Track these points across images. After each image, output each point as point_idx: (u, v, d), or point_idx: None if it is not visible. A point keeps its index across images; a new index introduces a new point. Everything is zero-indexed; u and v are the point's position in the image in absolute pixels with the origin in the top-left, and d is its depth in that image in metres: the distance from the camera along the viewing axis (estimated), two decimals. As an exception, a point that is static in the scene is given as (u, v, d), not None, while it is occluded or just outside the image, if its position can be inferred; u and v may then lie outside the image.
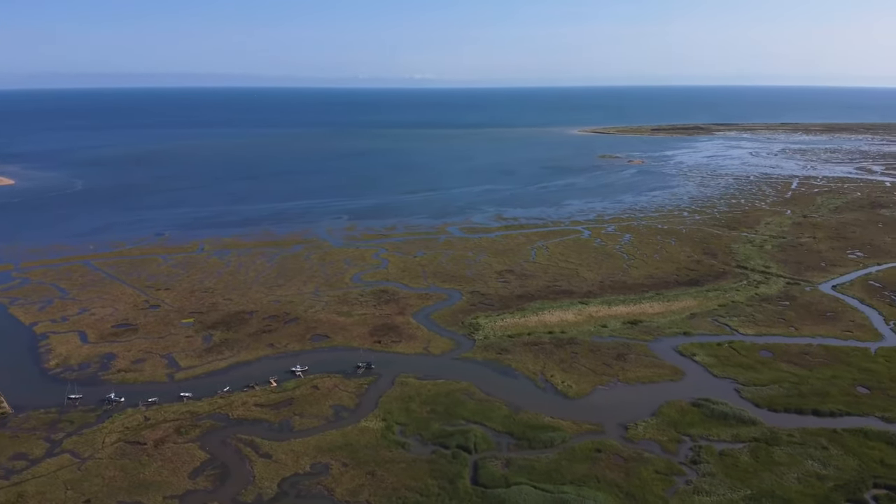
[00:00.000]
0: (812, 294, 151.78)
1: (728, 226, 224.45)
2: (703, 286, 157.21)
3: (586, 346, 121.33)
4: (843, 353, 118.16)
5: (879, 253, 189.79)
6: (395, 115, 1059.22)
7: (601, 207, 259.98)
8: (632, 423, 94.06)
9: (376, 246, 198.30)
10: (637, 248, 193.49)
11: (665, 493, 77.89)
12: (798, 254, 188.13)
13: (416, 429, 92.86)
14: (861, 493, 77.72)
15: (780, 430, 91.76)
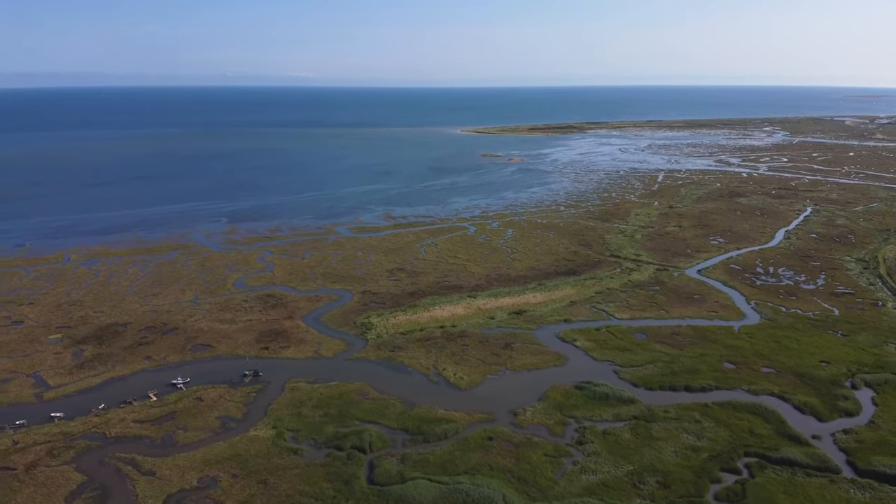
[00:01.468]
0: (680, 279, 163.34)
1: (601, 218, 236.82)
2: (580, 275, 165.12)
3: (476, 338, 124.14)
4: (710, 332, 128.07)
5: (738, 238, 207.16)
6: (269, 114, 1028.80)
7: (485, 204, 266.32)
8: (520, 409, 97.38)
9: (260, 249, 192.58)
10: (519, 242, 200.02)
11: (554, 475, 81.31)
12: (665, 242, 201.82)
13: (308, 434, 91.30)
14: (734, 461, 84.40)
15: (657, 407, 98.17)
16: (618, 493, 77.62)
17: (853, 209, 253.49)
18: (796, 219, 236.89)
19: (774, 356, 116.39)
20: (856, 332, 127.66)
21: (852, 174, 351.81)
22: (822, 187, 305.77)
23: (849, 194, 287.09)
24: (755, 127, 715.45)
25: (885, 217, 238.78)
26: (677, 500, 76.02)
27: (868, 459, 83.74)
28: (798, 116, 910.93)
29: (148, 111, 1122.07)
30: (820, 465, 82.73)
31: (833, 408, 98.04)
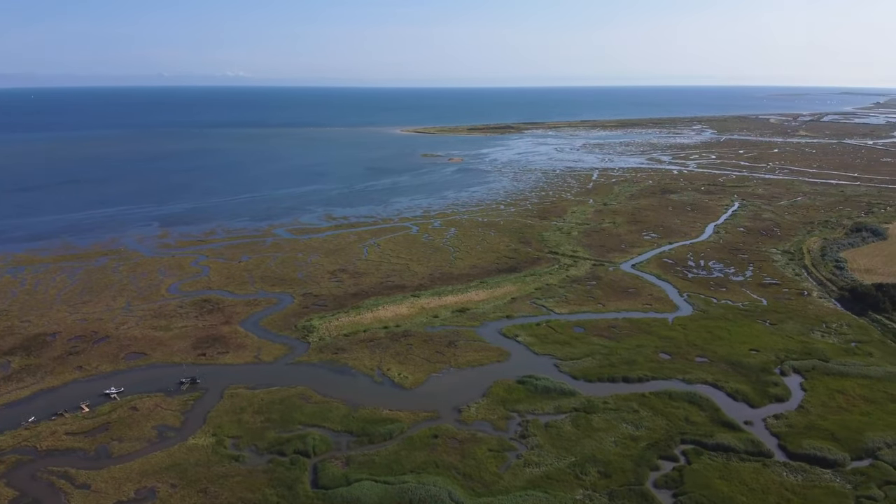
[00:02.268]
0: (615, 273, 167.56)
1: (540, 216, 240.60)
2: (521, 272, 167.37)
3: (420, 337, 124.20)
4: (646, 324, 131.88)
5: (670, 233, 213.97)
6: (206, 114, 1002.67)
7: (427, 204, 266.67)
8: (465, 406, 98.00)
9: (195, 253, 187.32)
10: (461, 241, 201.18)
11: (499, 470, 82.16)
12: (601, 238, 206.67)
13: (250, 440, 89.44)
14: (671, 449, 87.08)
15: (596, 398, 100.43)
16: (561, 484, 79.07)
17: (778, 203, 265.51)
18: (725, 213, 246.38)
19: (707, 346, 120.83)
20: (783, 321, 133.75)
21: (777, 170, 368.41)
22: (748, 183, 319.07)
23: (774, 189, 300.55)
24: (684, 126, 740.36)
25: (808, 210, 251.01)
26: (618, 490, 77.94)
27: (799, 443, 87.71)
28: (725, 115, 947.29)
29: (79, 112, 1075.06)
30: (753, 450, 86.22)
31: (764, 394, 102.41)
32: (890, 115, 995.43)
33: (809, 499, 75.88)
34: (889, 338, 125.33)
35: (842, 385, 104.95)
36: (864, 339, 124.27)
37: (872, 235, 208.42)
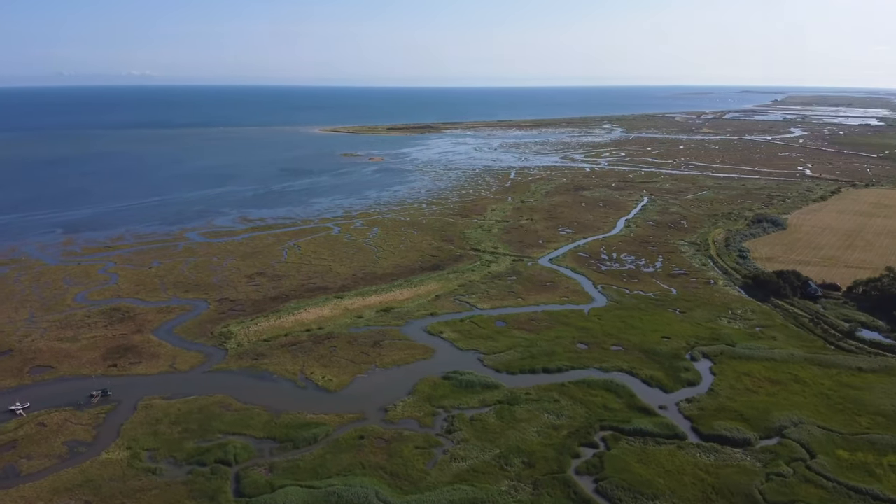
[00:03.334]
0: (534, 268, 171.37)
1: (461, 214, 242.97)
2: (444, 270, 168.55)
3: (344, 339, 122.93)
4: (563, 316, 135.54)
5: (584, 228, 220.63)
6: (108, 115, 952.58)
7: (348, 204, 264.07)
8: (391, 405, 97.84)
9: (102, 260, 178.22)
10: (384, 241, 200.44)
11: (426, 466, 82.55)
12: (520, 234, 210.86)
13: (167, 452, 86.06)
14: (591, 436, 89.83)
15: (519, 390, 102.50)
16: (487, 477, 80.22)
17: (685, 197, 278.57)
18: (635, 208, 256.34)
19: (622, 335, 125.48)
20: (692, 309, 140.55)
21: (683, 165, 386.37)
22: (656, 178, 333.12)
23: (680, 184, 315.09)
24: (595, 125, 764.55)
25: (713, 203, 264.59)
26: (542, 479, 79.83)
27: (710, 425, 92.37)
28: (633, 114, 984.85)
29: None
30: (668, 433, 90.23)
31: (676, 379, 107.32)
32: (787, 112, 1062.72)
33: (722, 477, 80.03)
34: (790, 322, 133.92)
35: (748, 368, 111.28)
36: (768, 324, 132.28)
37: (772, 226, 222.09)
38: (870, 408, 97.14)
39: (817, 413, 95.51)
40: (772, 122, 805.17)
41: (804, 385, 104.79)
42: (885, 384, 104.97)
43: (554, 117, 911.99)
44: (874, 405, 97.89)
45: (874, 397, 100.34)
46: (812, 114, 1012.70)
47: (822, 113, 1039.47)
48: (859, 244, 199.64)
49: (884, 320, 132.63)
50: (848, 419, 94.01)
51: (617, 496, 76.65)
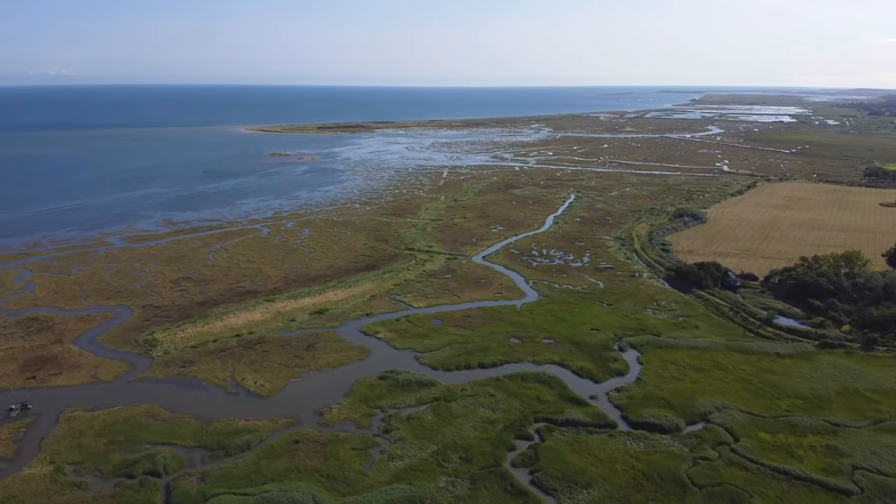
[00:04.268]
0: (468, 265, 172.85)
1: (395, 213, 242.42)
2: (379, 269, 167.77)
3: (276, 343, 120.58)
4: (497, 312, 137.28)
5: (515, 226, 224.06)
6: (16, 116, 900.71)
7: (277, 205, 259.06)
8: (326, 408, 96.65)
9: (17, 267, 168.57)
10: (317, 241, 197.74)
11: (363, 467, 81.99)
12: (453, 232, 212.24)
13: (93, 465, 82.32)
14: (526, 428, 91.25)
15: (455, 386, 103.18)
16: (424, 474, 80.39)
17: (609, 194, 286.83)
18: (563, 205, 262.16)
19: (553, 328, 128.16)
20: (619, 301, 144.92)
21: (607, 163, 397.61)
22: (582, 176, 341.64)
23: (605, 181, 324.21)
24: (523, 125, 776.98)
25: (636, 200, 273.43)
26: (479, 473, 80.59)
27: (639, 413, 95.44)
28: (559, 114, 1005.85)
29: None
30: (599, 423, 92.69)
31: (605, 370, 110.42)
32: (705, 110, 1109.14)
33: (652, 464, 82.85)
34: (712, 311, 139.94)
35: (673, 357, 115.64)
36: (691, 314, 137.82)
37: (693, 220, 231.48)
38: (788, 391, 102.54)
39: (739, 398, 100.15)
40: (691, 121, 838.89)
41: (726, 371, 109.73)
42: (801, 368, 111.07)
43: (483, 117, 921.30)
44: (792, 388, 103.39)
45: (792, 381, 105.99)
46: (728, 112, 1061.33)
47: (737, 111, 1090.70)
48: (775, 236, 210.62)
49: (799, 307, 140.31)
50: (768, 403, 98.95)
51: (552, 486, 78.24)
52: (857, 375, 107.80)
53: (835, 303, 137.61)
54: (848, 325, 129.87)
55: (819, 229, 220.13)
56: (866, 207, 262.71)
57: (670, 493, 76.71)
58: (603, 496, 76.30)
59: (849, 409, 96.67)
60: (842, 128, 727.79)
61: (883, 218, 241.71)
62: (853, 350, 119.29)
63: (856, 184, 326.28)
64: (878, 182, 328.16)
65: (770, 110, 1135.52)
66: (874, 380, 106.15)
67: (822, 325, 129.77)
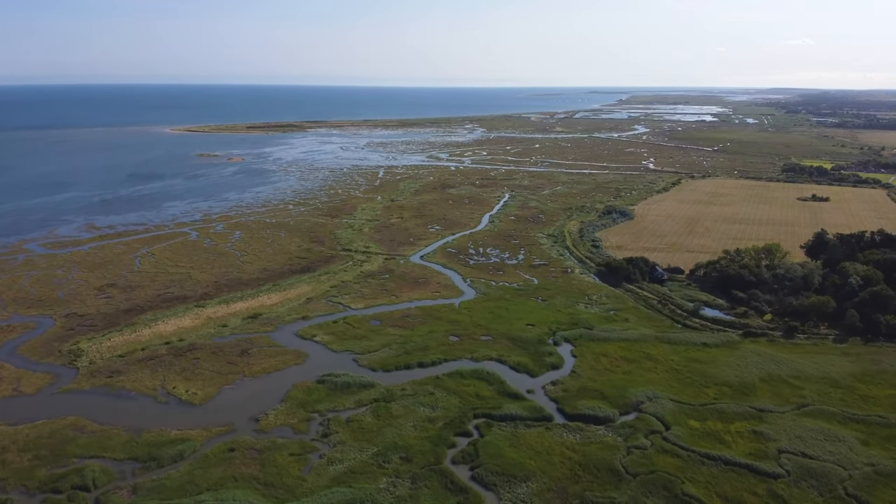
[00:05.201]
0: (406, 265, 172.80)
1: (330, 214, 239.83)
2: (315, 271, 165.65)
3: (208, 350, 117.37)
4: (436, 311, 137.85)
5: (452, 225, 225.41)
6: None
7: (207, 207, 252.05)
8: (262, 414, 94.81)
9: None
10: (249, 244, 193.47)
11: (302, 473, 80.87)
12: (391, 232, 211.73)
13: (17, 481, 78.23)
14: (465, 425, 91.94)
15: (395, 387, 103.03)
16: (365, 476, 79.97)
17: (542, 193, 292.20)
18: (498, 204, 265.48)
19: (490, 325, 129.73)
20: (553, 297, 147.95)
21: (539, 163, 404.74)
22: (516, 176, 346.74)
23: (537, 180, 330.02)
24: (458, 125, 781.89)
25: (567, 198, 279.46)
26: (419, 472, 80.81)
27: (574, 405, 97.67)
28: (492, 114, 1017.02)
29: None
30: (536, 416, 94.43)
31: (542, 364, 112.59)
32: (631, 110, 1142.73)
33: (588, 454, 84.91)
34: (641, 304, 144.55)
35: (605, 349, 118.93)
36: (621, 307, 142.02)
37: (621, 216, 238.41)
38: (716, 379, 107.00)
39: (669, 387, 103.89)
40: (618, 121, 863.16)
41: (656, 362, 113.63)
42: (727, 357, 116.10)
43: (418, 117, 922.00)
44: (719, 377, 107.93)
45: (718, 370, 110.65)
46: (654, 112, 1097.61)
47: (662, 111, 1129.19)
48: (699, 230, 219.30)
49: (723, 298, 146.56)
50: (697, 391, 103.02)
51: (492, 481, 79.22)
52: (780, 362, 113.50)
53: (757, 293, 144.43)
54: (770, 314, 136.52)
55: (740, 223, 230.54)
56: (785, 202, 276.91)
57: (606, 483, 78.89)
58: (541, 488, 77.79)
59: (773, 395, 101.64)
60: (760, 126, 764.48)
61: (800, 211, 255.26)
62: (775, 338, 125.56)
63: (774, 179, 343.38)
64: (795, 177, 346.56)
65: (693, 110, 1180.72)
66: (796, 366, 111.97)
67: (746, 315, 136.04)
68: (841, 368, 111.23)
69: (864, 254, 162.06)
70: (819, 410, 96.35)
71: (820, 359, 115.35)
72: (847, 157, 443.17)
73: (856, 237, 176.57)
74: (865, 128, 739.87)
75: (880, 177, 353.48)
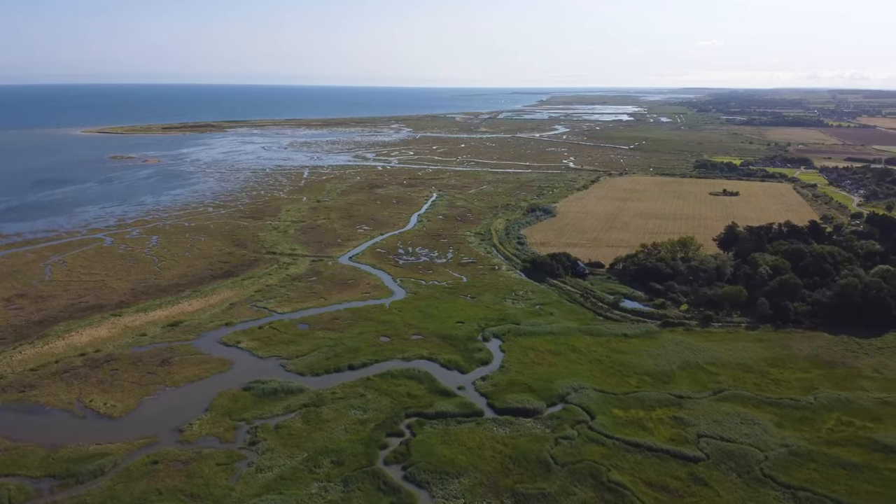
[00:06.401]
0: (334, 267, 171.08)
1: (253, 216, 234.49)
2: (238, 276, 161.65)
3: (127, 360, 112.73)
4: (366, 312, 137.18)
5: (381, 225, 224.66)
6: None
7: (121, 212, 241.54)
8: (186, 424, 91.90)
9: None
10: (167, 249, 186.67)
11: (229, 482, 78.95)
12: (317, 234, 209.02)
13: (-88, 512, 73.03)
14: (397, 425, 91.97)
15: (325, 390, 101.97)
16: (295, 482, 78.87)
17: (469, 192, 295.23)
18: (426, 203, 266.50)
19: (421, 324, 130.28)
20: (481, 294, 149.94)
21: (465, 163, 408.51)
22: (443, 175, 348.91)
23: (464, 180, 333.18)
24: (384, 125, 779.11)
25: (493, 196, 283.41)
26: (351, 475, 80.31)
27: (504, 399, 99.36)
28: (418, 114, 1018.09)
29: None
30: (467, 412, 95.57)
31: (472, 360, 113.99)
32: (552, 111, 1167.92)
33: (517, 447, 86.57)
34: (565, 298, 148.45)
35: (532, 343, 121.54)
36: (546, 302, 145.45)
37: (544, 214, 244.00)
38: (637, 369, 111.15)
39: (593, 378, 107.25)
40: (539, 121, 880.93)
41: (580, 354, 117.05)
42: (647, 347, 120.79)
43: (343, 116, 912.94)
44: (640, 366, 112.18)
45: (639, 359, 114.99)
46: (573, 112, 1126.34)
47: (581, 111, 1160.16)
48: (617, 225, 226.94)
49: (642, 290, 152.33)
50: (619, 381, 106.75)
51: (424, 480, 79.68)
52: (697, 350, 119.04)
53: (673, 285, 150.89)
54: (686, 304, 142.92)
55: (656, 218, 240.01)
56: (697, 197, 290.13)
57: (536, 475, 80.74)
58: (473, 483, 78.85)
59: (691, 382, 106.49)
60: (674, 124, 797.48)
61: (712, 206, 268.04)
62: (692, 327, 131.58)
63: (687, 176, 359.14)
64: (707, 173, 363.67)
65: (610, 110, 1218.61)
66: (712, 353, 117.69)
67: (664, 306, 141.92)
68: (754, 354, 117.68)
69: (772, 245, 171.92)
70: (735, 395, 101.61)
71: (734, 345, 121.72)
72: (755, 153, 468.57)
73: (764, 229, 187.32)
74: (772, 125, 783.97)
75: (786, 171, 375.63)
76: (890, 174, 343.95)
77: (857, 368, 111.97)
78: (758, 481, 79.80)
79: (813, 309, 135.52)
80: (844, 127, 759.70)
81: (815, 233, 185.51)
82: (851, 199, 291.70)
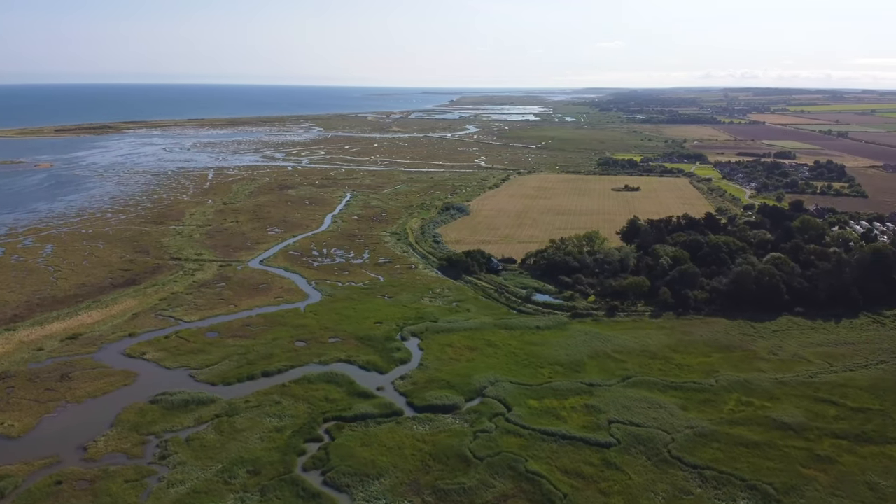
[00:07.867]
0: (244, 271, 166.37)
1: (155, 221, 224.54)
2: (140, 284, 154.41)
3: (23, 377, 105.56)
4: (280, 317, 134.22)
5: (293, 227, 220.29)
6: None
7: (11, 220, 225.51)
8: (91, 441, 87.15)
9: None
10: (63, 258, 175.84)
11: (140, 499, 75.62)
12: (225, 238, 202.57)
13: None
14: (315, 430, 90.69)
15: (238, 399, 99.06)
16: (210, 495, 76.33)
17: (383, 191, 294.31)
18: (340, 204, 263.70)
19: (338, 326, 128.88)
20: (398, 293, 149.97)
21: (379, 162, 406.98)
22: (356, 175, 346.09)
23: (378, 179, 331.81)
24: (293, 124, 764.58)
25: (407, 196, 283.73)
26: (269, 483, 78.55)
27: (423, 397, 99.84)
28: (328, 113, 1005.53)
29: None
30: (387, 413, 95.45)
31: (390, 360, 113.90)
32: (462, 111, 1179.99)
33: (437, 444, 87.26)
34: (480, 294, 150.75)
35: (450, 340, 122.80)
36: (462, 298, 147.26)
37: (458, 212, 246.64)
38: (549, 359, 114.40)
39: (509, 370, 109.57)
40: (451, 120, 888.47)
41: (496, 348, 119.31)
42: (558, 338, 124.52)
43: (250, 116, 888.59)
44: (552, 357, 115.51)
45: (551, 350, 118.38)
46: (483, 112, 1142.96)
47: (490, 111, 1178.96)
48: (527, 222, 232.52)
49: (552, 284, 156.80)
50: (533, 372, 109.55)
51: (344, 483, 79.03)
52: (605, 339, 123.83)
53: (581, 278, 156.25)
54: (593, 296, 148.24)
55: (564, 214, 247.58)
56: (601, 193, 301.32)
57: (456, 470, 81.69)
58: (394, 483, 78.91)
59: (601, 370, 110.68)
60: (577, 124, 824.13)
61: (615, 201, 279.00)
62: (599, 318, 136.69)
63: (591, 173, 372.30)
64: (609, 170, 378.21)
65: (518, 110, 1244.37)
66: (619, 342, 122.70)
67: (572, 298, 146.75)
68: (658, 341, 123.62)
69: (672, 237, 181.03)
70: (641, 381, 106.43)
71: (639, 333, 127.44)
72: (654, 149, 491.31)
73: (664, 222, 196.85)
74: (669, 122, 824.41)
75: (683, 166, 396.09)
76: (779, 167, 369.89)
77: (754, 351, 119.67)
78: (666, 463, 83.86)
79: (711, 296, 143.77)
80: (736, 123, 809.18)
81: (712, 224, 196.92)
82: (744, 191, 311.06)
